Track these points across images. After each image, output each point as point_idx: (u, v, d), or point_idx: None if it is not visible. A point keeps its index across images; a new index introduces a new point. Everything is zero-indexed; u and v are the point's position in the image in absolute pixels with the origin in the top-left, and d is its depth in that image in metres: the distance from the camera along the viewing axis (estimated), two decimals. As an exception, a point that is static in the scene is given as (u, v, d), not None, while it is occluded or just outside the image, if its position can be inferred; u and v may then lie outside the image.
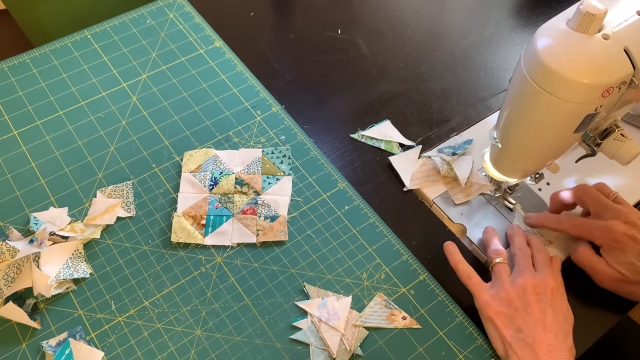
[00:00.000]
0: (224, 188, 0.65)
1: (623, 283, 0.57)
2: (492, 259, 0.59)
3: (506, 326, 0.54)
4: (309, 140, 0.71)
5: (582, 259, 0.60)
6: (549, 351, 0.52)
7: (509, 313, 0.55)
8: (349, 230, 0.64)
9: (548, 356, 0.52)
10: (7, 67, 0.74)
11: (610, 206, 0.58)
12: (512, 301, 0.55)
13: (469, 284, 0.57)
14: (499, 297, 0.56)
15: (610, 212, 0.58)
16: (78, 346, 0.55)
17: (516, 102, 0.53)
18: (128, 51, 0.76)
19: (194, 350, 0.56)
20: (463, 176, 0.67)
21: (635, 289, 0.57)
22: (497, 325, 0.55)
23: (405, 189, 0.68)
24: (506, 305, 0.55)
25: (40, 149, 0.68)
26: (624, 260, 0.56)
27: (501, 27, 0.86)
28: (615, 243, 0.57)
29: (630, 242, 0.56)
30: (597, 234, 0.58)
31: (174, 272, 0.60)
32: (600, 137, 0.56)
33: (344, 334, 0.57)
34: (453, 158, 0.68)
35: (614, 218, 0.57)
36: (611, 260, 0.57)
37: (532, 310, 0.54)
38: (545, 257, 0.59)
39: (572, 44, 0.47)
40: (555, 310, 0.55)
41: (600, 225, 0.58)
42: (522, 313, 0.54)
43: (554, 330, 0.53)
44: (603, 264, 0.58)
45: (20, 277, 0.57)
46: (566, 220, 0.61)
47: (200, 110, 0.72)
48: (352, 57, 0.80)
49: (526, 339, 0.53)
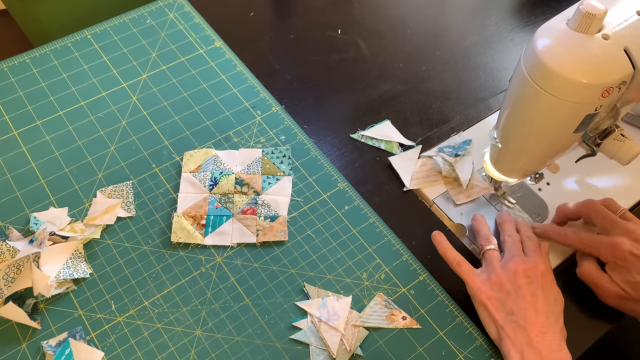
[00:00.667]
0: (224, 188, 0.65)
1: (626, 300, 0.57)
2: (483, 246, 0.60)
3: (498, 309, 0.55)
4: (309, 140, 0.71)
5: (585, 274, 0.59)
6: (541, 332, 0.53)
7: (500, 297, 0.55)
8: (349, 230, 0.64)
9: (540, 337, 0.53)
10: (7, 67, 0.74)
11: (617, 223, 0.58)
12: (503, 285, 0.56)
13: (459, 271, 0.58)
14: (490, 282, 0.57)
15: (618, 228, 0.57)
16: (78, 346, 0.55)
17: (516, 102, 0.53)
18: (128, 51, 0.77)
19: (194, 350, 0.56)
20: (465, 178, 0.67)
21: (638, 307, 0.57)
22: (489, 309, 0.55)
23: (405, 189, 0.68)
24: (497, 290, 0.56)
25: (40, 149, 0.68)
26: (628, 279, 0.56)
27: (501, 27, 0.86)
28: (620, 261, 0.56)
29: (636, 260, 0.55)
30: (603, 250, 0.58)
31: (174, 272, 0.60)
32: (600, 137, 0.56)
33: (344, 334, 0.57)
34: (455, 159, 0.68)
35: (621, 235, 0.57)
36: (615, 278, 0.57)
37: (523, 293, 0.55)
38: (535, 243, 0.60)
39: (572, 44, 0.47)
40: (545, 293, 0.55)
41: (606, 241, 0.57)
42: (514, 296, 0.55)
43: (545, 312, 0.54)
44: (606, 280, 0.58)
45: (20, 277, 0.57)
46: (572, 235, 0.61)
47: (200, 110, 0.72)
48: (352, 57, 0.80)
49: (518, 321, 0.54)
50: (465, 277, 0.58)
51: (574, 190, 0.69)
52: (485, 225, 0.63)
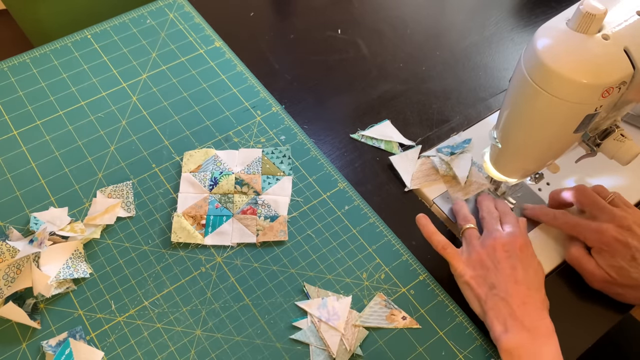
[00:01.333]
0: (224, 188, 0.65)
1: (611, 285, 0.58)
2: (462, 226, 0.61)
3: (480, 285, 0.56)
4: (309, 140, 0.71)
5: (573, 258, 0.60)
6: (523, 303, 0.54)
7: (481, 273, 0.56)
8: (349, 230, 0.64)
9: (522, 308, 0.54)
10: (7, 67, 0.74)
11: (605, 209, 0.59)
12: (483, 261, 0.57)
13: (444, 253, 0.59)
14: (471, 260, 0.58)
15: (605, 214, 0.58)
16: (78, 346, 0.55)
17: (516, 102, 0.53)
18: (128, 51, 0.77)
19: (194, 350, 0.56)
20: (462, 175, 0.67)
21: (623, 291, 0.58)
22: (472, 286, 0.56)
23: (406, 189, 0.68)
24: (479, 267, 0.57)
25: (40, 149, 0.68)
26: (613, 264, 0.57)
27: (501, 27, 0.86)
28: (605, 246, 0.57)
29: (620, 246, 0.56)
30: (588, 235, 0.59)
31: (174, 272, 0.60)
32: (600, 137, 0.56)
33: (344, 334, 0.57)
34: (451, 157, 0.68)
35: (608, 221, 0.58)
36: (601, 262, 0.58)
37: (502, 267, 0.56)
38: (513, 218, 0.60)
39: (572, 44, 0.47)
40: (524, 265, 0.56)
41: (593, 227, 0.58)
42: (494, 271, 0.56)
43: (526, 283, 0.55)
44: (593, 264, 0.58)
45: (20, 277, 0.57)
46: (561, 217, 0.62)
47: (200, 110, 0.72)
48: (352, 57, 0.80)
49: (500, 293, 0.55)
50: (450, 260, 0.58)
51: (574, 190, 0.69)
52: (464, 206, 0.64)
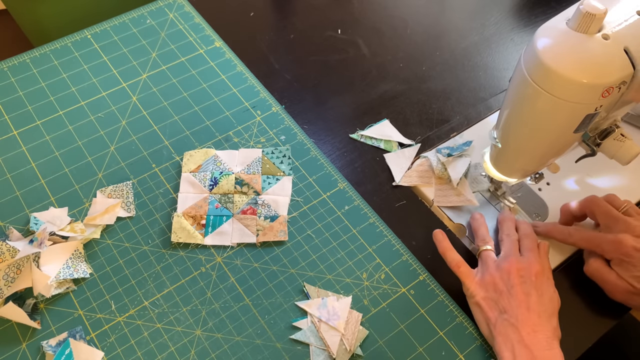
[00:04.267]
0: (224, 188, 0.65)
1: (634, 295, 0.57)
2: (479, 247, 0.61)
3: (491, 308, 0.56)
4: (309, 140, 0.71)
5: (593, 270, 0.59)
6: (533, 331, 0.53)
7: (493, 296, 0.56)
8: (349, 230, 0.64)
9: (532, 336, 0.53)
10: (7, 67, 0.74)
11: (620, 219, 0.58)
12: (496, 285, 0.56)
13: (458, 272, 0.58)
14: (484, 282, 0.57)
15: (620, 225, 0.57)
16: (78, 346, 0.55)
17: (516, 102, 0.53)
18: (128, 51, 0.76)
19: (194, 350, 0.56)
20: (455, 177, 0.67)
21: None
22: (483, 308, 0.56)
23: (394, 183, 0.68)
24: (492, 290, 0.56)
25: (40, 149, 0.68)
26: (635, 274, 0.56)
27: (501, 27, 0.86)
28: (625, 257, 0.56)
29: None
30: (606, 247, 0.58)
31: (174, 272, 0.60)
32: (600, 137, 0.56)
33: (344, 334, 0.57)
34: (448, 159, 0.68)
35: (624, 231, 0.57)
36: (622, 274, 0.57)
37: (515, 292, 0.55)
38: (532, 242, 0.60)
39: (572, 44, 0.47)
40: (539, 292, 0.55)
41: (610, 239, 0.57)
42: (506, 295, 0.55)
43: (538, 311, 0.54)
44: (614, 276, 0.57)
45: (20, 277, 0.57)
46: (575, 233, 0.61)
47: (200, 110, 0.72)
48: (352, 57, 0.80)
49: (510, 319, 0.54)
50: (463, 279, 0.58)
51: (574, 190, 0.69)
52: (483, 224, 0.63)
